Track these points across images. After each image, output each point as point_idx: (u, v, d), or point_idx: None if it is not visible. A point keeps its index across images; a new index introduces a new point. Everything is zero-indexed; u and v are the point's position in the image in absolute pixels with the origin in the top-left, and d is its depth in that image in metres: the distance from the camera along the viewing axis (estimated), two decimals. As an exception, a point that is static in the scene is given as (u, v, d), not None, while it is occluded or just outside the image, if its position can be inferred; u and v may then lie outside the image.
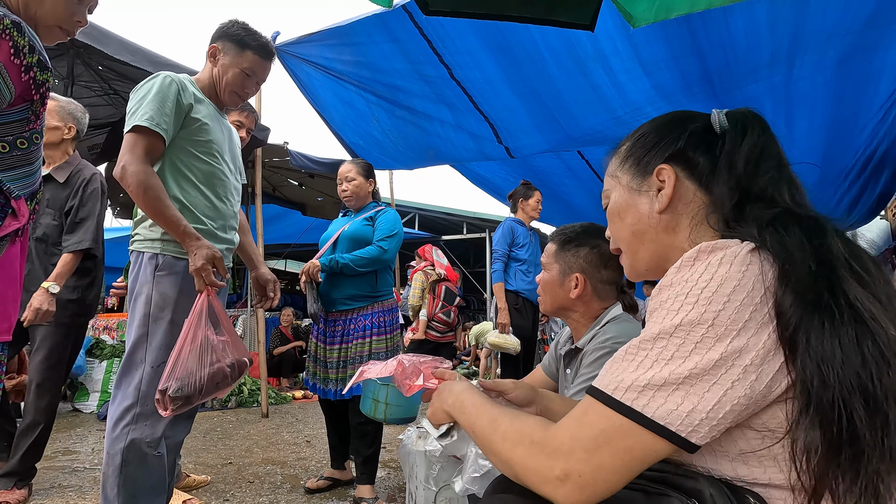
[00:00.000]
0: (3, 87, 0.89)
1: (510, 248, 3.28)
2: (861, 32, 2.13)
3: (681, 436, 0.53)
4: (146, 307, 1.49)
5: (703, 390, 0.52)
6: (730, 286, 0.53)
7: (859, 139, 3.09)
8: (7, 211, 0.99)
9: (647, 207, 0.72)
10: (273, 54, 1.74)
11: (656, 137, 0.73)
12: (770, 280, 0.54)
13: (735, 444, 0.57)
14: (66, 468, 2.66)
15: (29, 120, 0.96)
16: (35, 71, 0.92)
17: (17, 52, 0.88)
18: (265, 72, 1.73)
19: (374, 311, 2.36)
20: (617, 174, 0.77)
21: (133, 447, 1.41)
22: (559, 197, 4.49)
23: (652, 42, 2.33)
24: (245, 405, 4.71)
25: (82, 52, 3.47)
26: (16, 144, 0.95)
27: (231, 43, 1.66)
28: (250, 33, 1.68)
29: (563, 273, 1.30)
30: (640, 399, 0.54)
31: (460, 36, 2.50)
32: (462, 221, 9.24)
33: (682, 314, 0.54)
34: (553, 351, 1.43)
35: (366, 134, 3.57)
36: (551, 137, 3.20)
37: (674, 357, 0.54)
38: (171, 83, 1.55)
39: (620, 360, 0.58)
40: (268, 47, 1.71)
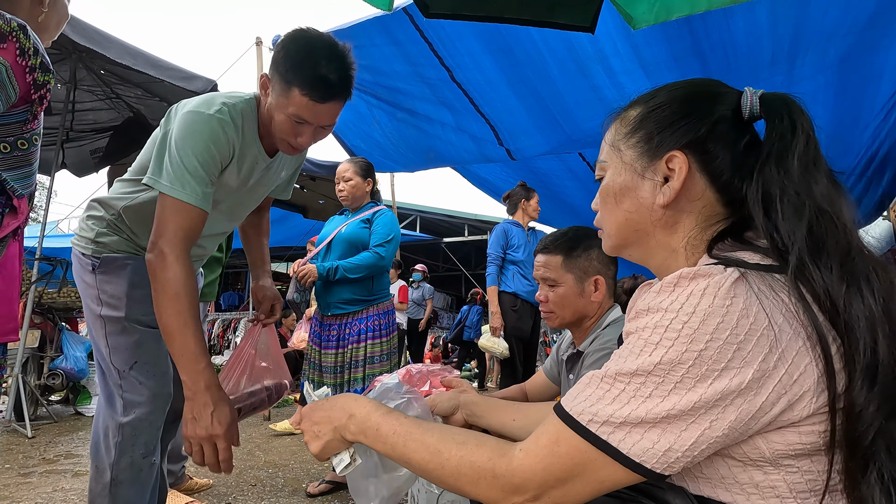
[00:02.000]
0: (10, 87, 0.90)
1: (504, 250, 3.28)
2: (862, 32, 2.13)
3: (655, 472, 0.52)
4: (96, 308, 1.32)
5: (680, 429, 0.51)
6: (712, 323, 0.50)
7: (861, 139, 3.09)
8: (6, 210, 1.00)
9: (648, 197, 0.63)
10: (335, 91, 1.17)
11: (675, 114, 0.62)
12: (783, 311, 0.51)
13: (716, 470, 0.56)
14: (68, 472, 2.66)
15: (28, 121, 0.97)
16: (38, 73, 0.94)
17: (22, 53, 0.90)
18: (324, 116, 1.19)
19: (370, 315, 2.34)
20: (620, 146, 0.66)
21: (123, 463, 1.26)
22: (560, 198, 4.49)
23: (652, 43, 2.33)
24: (247, 408, 4.70)
25: (84, 57, 3.49)
26: (16, 145, 0.97)
27: (277, 75, 1.18)
28: (298, 62, 1.15)
29: (580, 280, 1.24)
30: (617, 434, 0.52)
31: (461, 38, 2.50)
32: (463, 223, 9.24)
33: (661, 351, 0.51)
34: (555, 355, 1.43)
35: (366, 136, 3.57)
36: (552, 139, 3.20)
37: (652, 395, 0.52)
38: (222, 135, 1.20)
39: (595, 386, 0.55)
40: (322, 83, 1.15)
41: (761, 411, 0.50)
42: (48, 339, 4.05)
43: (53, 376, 3.96)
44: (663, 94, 0.65)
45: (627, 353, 0.54)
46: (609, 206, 0.67)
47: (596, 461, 0.53)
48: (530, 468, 0.56)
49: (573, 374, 1.29)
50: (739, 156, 0.61)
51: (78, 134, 4.27)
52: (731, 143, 0.61)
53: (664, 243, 0.64)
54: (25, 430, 3.40)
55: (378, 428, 0.66)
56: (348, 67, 1.20)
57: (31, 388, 3.78)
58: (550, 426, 0.57)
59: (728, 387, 0.50)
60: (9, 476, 2.56)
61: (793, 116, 0.58)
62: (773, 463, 0.53)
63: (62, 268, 4.62)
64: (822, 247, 0.54)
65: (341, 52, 1.19)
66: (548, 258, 1.27)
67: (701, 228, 0.62)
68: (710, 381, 0.50)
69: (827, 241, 0.54)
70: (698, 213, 0.62)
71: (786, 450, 0.52)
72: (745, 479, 0.54)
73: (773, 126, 0.59)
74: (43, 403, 4.00)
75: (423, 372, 1.21)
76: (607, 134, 0.69)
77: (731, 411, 0.50)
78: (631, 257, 0.69)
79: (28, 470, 2.68)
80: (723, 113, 0.61)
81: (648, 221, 0.64)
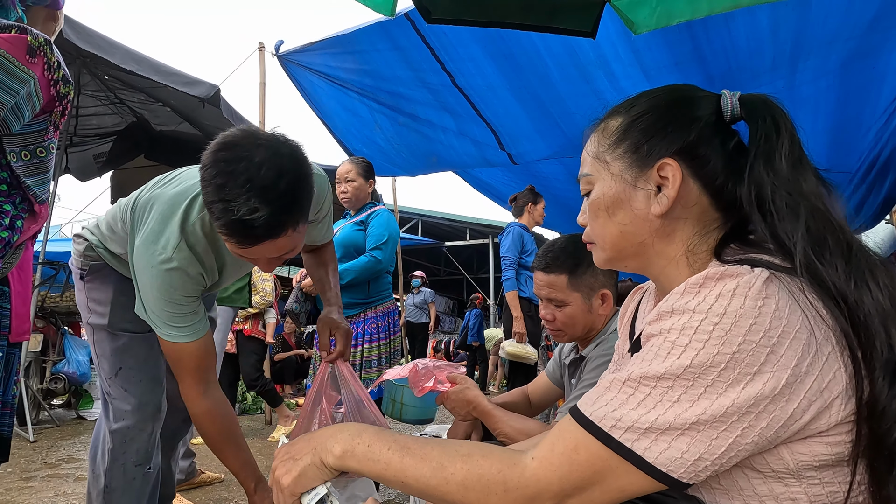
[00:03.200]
0: (35, 98, 0.95)
1: (520, 254, 3.21)
2: (864, 36, 2.13)
3: (681, 482, 0.49)
4: (87, 316, 1.36)
5: (710, 437, 0.48)
6: (745, 324, 0.48)
7: (863, 143, 3.08)
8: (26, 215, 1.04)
9: (643, 207, 0.61)
10: (270, 233, 0.95)
11: (660, 122, 0.62)
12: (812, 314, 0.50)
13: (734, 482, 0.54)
14: (69, 476, 2.66)
15: (48, 130, 1.02)
16: (60, 85, 0.99)
17: (49, 67, 0.96)
18: (269, 251, 1.00)
19: (367, 318, 2.30)
20: (606, 158, 0.64)
21: (115, 470, 1.27)
22: (562, 203, 4.49)
23: (654, 48, 2.34)
24: (248, 412, 4.70)
25: (89, 62, 3.51)
26: (36, 153, 1.01)
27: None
28: (213, 200, 0.93)
29: (587, 297, 1.22)
30: (642, 441, 0.49)
31: (462, 43, 2.52)
32: (465, 228, 9.24)
33: (690, 353, 0.49)
34: (557, 359, 1.42)
35: (369, 141, 3.59)
36: (553, 143, 3.20)
37: (680, 400, 0.49)
38: (186, 279, 1.13)
39: (616, 390, 0.52)
40: (243, 229, 0.93)
41: (792, 419, 0.49)
42: (51, 342, 4.06)
43: (56, 380, 3.96)
44: (644, 102, 0.64)
45: (652, 357, 0.52)
46: (601, 220, 0.65)
47: (617, 469, 0.50)
48: (545, 478, 0.52)
49: (575, 379, 1.29)
50: (729, 159, 0.60)
51: (81, 139, 4.30)
52: (719, 147, 0.60)
53: (662, 252, 0.63)
54: (28, 433, 3.40)
55: (370, 445, 0.58)
56: (289, 194, 0.93)
57: (33, 392, 3.78)
58: (567, 432, 0.54)
59: (762, 392, 0.47)
60: (11, 480, 2.56)
61: (775, 116, 0.58)
62: (795, 475, 0.51)
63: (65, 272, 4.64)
64: (825, 244, 0.53)
65: (277, 175, 0.91)
66: (551, 278, 1.22)
67: (700, 235, 0.61)
68: (742, 386, 0.48)
69: (827, 238, 0.54)
70: (695, 220, 0.61)
71: (810, 461, 0.51)
72: (764, 491, 0.53)
73: (757, 126, 0.58)
74: (45, 407, 4.00)
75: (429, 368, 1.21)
76: (588, 146, 0.67)
77: (763, 418, 0.48)
78: (627, 268, 0.68)
79: (30, 474, 2.68)
80: (707, 117, 0.61)
81: (645, 232, 0.62)
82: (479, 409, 1.22)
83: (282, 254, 1.03)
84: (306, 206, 1.00)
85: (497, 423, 1.19)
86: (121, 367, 1.31)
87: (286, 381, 6.12)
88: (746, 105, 0.60)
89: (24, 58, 0.90)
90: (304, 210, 1.00)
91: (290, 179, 0.94)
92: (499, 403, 1.28)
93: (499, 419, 1.19)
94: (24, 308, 1.11)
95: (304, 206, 1.00)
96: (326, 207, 1.39)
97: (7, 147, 0.97)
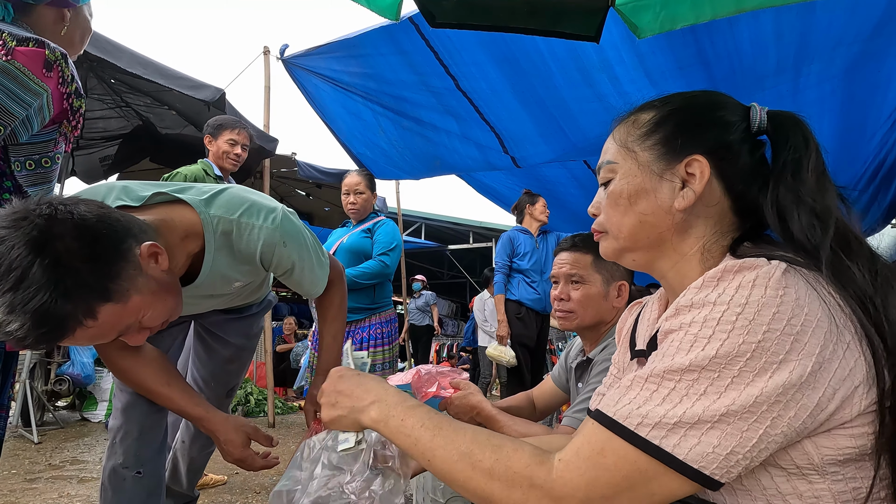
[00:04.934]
0: (46, 111, 0.96)
1: (510, 258, 3.30)
2: (868, 41, 2.13)
3: (714, 479, 0.48)
4: None
5: (741, 429, 0.47)
6: (768, 313, 0.48)
7: (868, 148, 3.08)
8: None
9: (667, 199, 0.62)
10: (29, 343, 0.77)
11: (695, 119, 0.63)
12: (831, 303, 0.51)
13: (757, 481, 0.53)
14: (73, 478, 2.66)
15: (56, 141, 1.03)
16: (73, 98, 1.00)
17: (63, 80, 0.97)
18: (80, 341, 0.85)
19: (372, 324, 2.40)
20: (634, 148, 0.64)
21: (107, 468, 1.29)
22: (565, 206, 4.49)
23: (657, 52, 2.34)
24: (251, 415, 4.70)
25: (95, 66, 3.53)
26: (41, 163, 1.02)
27: None
28: None
29: (607, 282, 1.22)
30: (670, 438, 0.48)
31: (466, 47, 2.53)
32: (468, 231, 9.24)
33: (714, 344, 0.48)
34: (563, 362, 1.42)
35: (373, 144, 3.60)
36: (557, 147, 3.21)
37: (707, 392, 0.48)
38: None
39: (639, 388, 0.51)
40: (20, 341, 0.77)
41: (818, 408, 0.48)
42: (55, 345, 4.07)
43: (60, 382, 3.98)
44: (679, 100, 0.65)
45: (675, 351, 0.51)
46: (621, 209, 0.65)
47: (648, 471, 0.49)
48: (572, 482, 0.51)
49: (581, 382, 1.28)
50: (754, 167, 0.62)
51: (88, 142, 4.32)
52: (747, 154, 0.62)
53: (677, 247, 0.63)
54: (32, 435, 3.41)
55: (403, 419, 0.60)
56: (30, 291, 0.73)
57: (37, 394, 3.79)
58: (592, 435, 0.52)
59: (789, 379, 0.47)
60: (15, 481, 2.57)
61: (804, 132, 0.60)
62: (819, 471, 0.51)
63: (70, 274, 4.65)
64: (850, 247, 0.55)
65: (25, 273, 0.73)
66: (576, 256, 1.24)
67: (716, 235, 0.62)
68: (769, 374, 0.47)
69: (852, 243, 0.56)
70: (714, 220, 0.62)
71: (834, 455, 0.50)
72: (788, 489, 0.52)
73: (787, 139, 0.60)
74: (49, 409, 4.01)
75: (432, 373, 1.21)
76: (615, 135, 0.67)
77: (792, 407, 0.47)
78: (634, 262, 0.68)
79: (34, 475, 2.69)
80: (739, 123, 0.62)
81: (664, 224, 0.62)
82: (482, 414, 1.22)
83: (114, 336, 0.87)
84: (90, 290, 0.78)
85: (501, 428, 1.18)
86: None
87: (289, 385, 6.12)
88: (774, 119, 0.62)
89: (40, 71, 0.91)
90: (89, 296, 0.78)
91: (45, 270, 0.73)
92: (503, 408, 1.27)
93: (503, 424, 1.18)
94: None
95: (81, 293, 0.77)
96: (284, 265, 1.20)
97: (12, 156, 0.97)
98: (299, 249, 1.20)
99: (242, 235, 1.08)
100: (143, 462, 1.29)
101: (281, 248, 1.15)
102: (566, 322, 1.27)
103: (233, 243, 1.10)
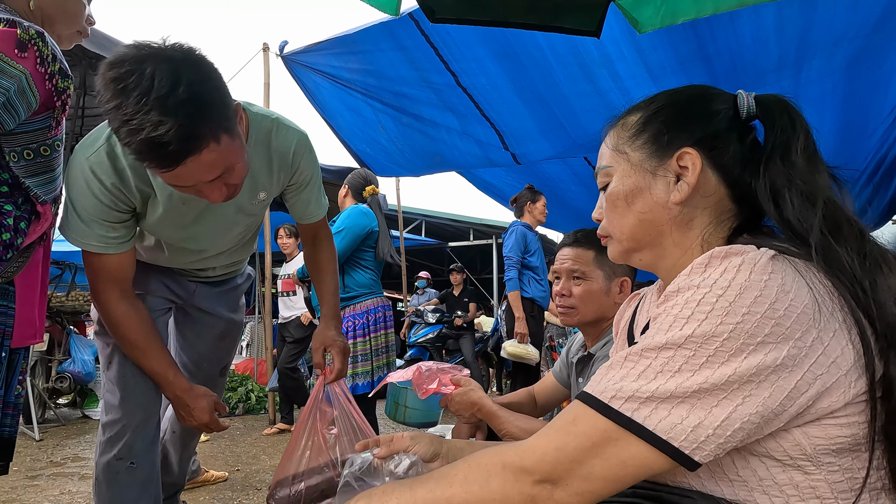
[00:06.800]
0: (30, 94, 0.91)
1: (523, 255, 3.22)
2: (870, 36, 2.12)
3: (684, 452, 0.49)
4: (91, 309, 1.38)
5: (710, 405, 0.49)
6: (750, 296, 0.49)
7: (869, 143, 3.07)
8: (32, 216, 1.01)
9: (662, 195, 0.63)
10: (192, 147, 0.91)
11: (681, 114, 0.64)
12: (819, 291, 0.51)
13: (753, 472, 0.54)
14: (75, 475, 2.67)
15: (51, 127, 0.99)
16: (57, 79, 0.95)
17: (42, 60, 0.91)
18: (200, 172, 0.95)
19: (347, 316, 2.33)
20: (625, 150, 0.66)
21: (101, 463, 1.30)
22: (565, 203, 4.48)
23: (658, 47, 2.33)
24: (252, 412, 4.71)
25: (94, 63, 3.52)
26: (39, 151, 0.98)
27: None
28: (119, 125, 0.88)
29: (608, 278, 1.22)
30: (642, 410, 0.50)
31: (466, 43, 2.52)
32: (469, 228, 9.23)
33: (693, 324, 0.50)
34: (564, 358, 1.41)
35: (372, 141, 3.59)
36: (557, 143, 3.20)
37: (682, 369, 0.49)
38: (94, 182, 1.09)
39: (619, 366, 0.53)
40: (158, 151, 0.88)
41: (796, 391, 0.49)
42: (56, 342, 4.08)
43: (61, 379, 3.99)
44: (663, 98, 0.67)
45: (655, 331, 0.52)
46: (620, 210, 0.66)
47: (618, 440, 0.50)
48: (541, 448, 0.53)
49: (583, 378, 1.28)
50: (746, 153, 0.63)
51: (87, 139, 4.32)
52: (736, 140, 0.63)
53: (679, 242, 0.64)
54: (33, 432, 3.42)
55: (382, 501, 0.59)
56: (192, 100, 0.86)
57: (39, 392, 3.80)
58: (569, 410, 0.54)
59: (763, 362, 0.48)
60: (16, 478, 2.58)
61: (790, 114, 0.61)
62: (814, 461, 0.51)
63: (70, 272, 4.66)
64: (839, 231, 0.55)
65: (173, 82, 0.85)
66: (578, 251, 1.24)
67: (715, 225, 0.63)
68: (744, 356, 0.48)
69: (842, 225, 0.55)
70: (712, 210, 0.63)
71: (827, 444, 0.51)
72: (784, 480, 0.53)
73: (775, 122, 0.61)
74: (51, 406, 4.03)
75: (433, 370, 1.20)
76: (607, 140, 0.69)
77: (765, 388, 0.48)
78: (641, 262, 0.68)
79: (35, 473, 2.70)
80: (725, 112, 0.63)
81: (664, 220, 0.63)
82: (483, 410, 1.22)
83: (217, 174, 0.96)
84: (219, 112, 0.92)
85: (502, 424, 1.18)
86: (111, 362, 1.32)
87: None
88: (762, 104, 0.62)
89: (12, 52, 0.86)
90: (219, 117, 0.92)
91: (189, 84, 0.86)
92: (503, 404, 1.27)
93: (504, 420, 1.18)
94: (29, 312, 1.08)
95: (215, 112, 0.91)
96: (306, 171, 1.29)
97: (6, 147, 0.94)
98: (316, 164, 1.36)
99: (280, 132, 1.23)
100: (137, 454, 1.31)
101: (310, 153, 1.31)
102: (567, 318, 1.27)
103: (271, 140, 1.23)
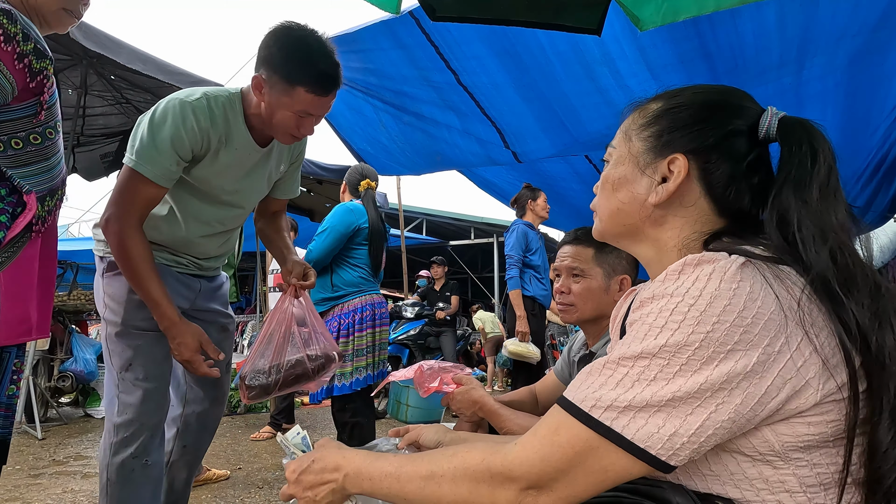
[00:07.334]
0: (3, 78, 0.87)
1: (525, 253, 3.22)
2: (872, 33, 2.11)
3: (660, 459, 0.51)
4: (102, 310, 1.41)
5: (685, 413, 0.50)
6: (719, 305, 0.50)
7: (871, 141, 3.05)
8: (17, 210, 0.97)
9: (643, 192, 0.64)
10: (336, 83, 1.31)
11: (691, 118, 0.63)
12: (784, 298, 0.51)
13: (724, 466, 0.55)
14: (77, 473, 2.68)
15: (38, 114, 0.95)
16: (30, 59, 0.90)
17: (7, 39, 0.86)
18: (325, 108, 1.32)
19: (334, 316, 2.34)
20: (632, 136, 0.67)
21: (114, 463, 1.31)
22: (567, 201, 4.48)
23: (659, 45, 2.32)
24: (254, 410, 4.72)
25: (95, 62, 3.52)
26: (29, 140, 0.95)
27: (276, 76, 1.26)
28: (300, 62, 1.24)
29: (607, 276, 1.23)
30: (620, 419, 0.51)
31: (467, 41, 2.51)
32: (470, 227, 9.24)
33: (666, 334, 0.51)
34: (566, 357, 1.41)
35: (373, 140, 3.59)
36: (558, 142, 3.19)
37: (656, 378, 0.51)
38: (192, 119, 1.27)
39: (597, 374, 0.55)
40: (326, 79, 1.27)
41: (767, 396, 0.50)
42: (58, 341, 4.09)
43: (63, 378, 3.99)
44: (686, 95, 0.66)
45: (631, 339, 0.54)
46: (606, 193, 0.69)
47: (599, 449, 0.52)
48: (527, 459, 0.54)
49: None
50: (741, 171, 0.61)
51: (88, 139, 4.32)
52: (736, 158, 0.61)
53: (653, 237, 0.66)
54: (36, 431, 3.43)
55: (371, 478, 0.64)
56: (336, 56, 1.31)
57: (41, 391, 3.81)
58: (550, 417, 0.56)
59: (733, 369, 0.49)
60: (19, 477, 2.59)
61: (813, 144, 0.59)
62: (782, 457, 0.53)
63: (72, 271, 4.67)
64: (853, 280, 0.54)
65: (329, 45, 1.30)
66: (578, 249, 1.26)
67: (698, 234, 0.63)
68: (715, 364, 0.50)
69: (856, 275, 0.54)
70: (692, 220, 0.63)
71: (795, 442, 0.52)
72: (754, 474, 0.54)
73: (792, 152, 0.59)
74: (53, 405, 4.03)
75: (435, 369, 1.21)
76: (626, 120, 0.70)
77: (737, 394, 0.50)
78: (619, 245, 0.72)
79: (38, 471, 2.70)
80: (738, 126, 0.62)
81: (639, 216, 0.65)
82: (485, 408, 1.22)
83: (323, 113, 1.34)
84: None
85: (504, 422, 1.18)
86: (131, 364, 1.36)
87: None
88: (784, 127, 0.60)
89: None
90: None
91: (335, 52, 1.30)
92: (505, 402, 1.27)
93: (505, 418, 1.18)
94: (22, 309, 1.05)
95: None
96: (303, 151, 1.61)
97: None
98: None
99: None
100: (150, 452, 1.35)
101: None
102: (567, 315, 1.28)
103: None
